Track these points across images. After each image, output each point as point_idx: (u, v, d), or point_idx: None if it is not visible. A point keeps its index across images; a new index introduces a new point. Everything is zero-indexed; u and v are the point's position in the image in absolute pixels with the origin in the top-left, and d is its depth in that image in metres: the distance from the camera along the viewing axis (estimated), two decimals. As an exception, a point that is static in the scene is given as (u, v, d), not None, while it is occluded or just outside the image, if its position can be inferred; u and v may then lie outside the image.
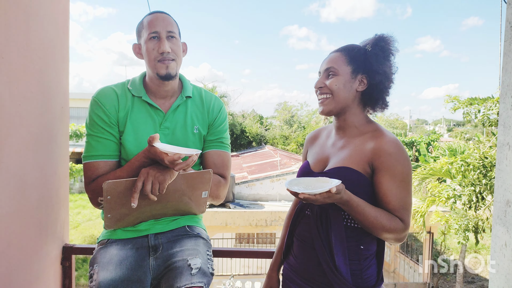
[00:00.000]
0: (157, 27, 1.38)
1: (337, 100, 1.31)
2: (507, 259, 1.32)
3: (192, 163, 1.20)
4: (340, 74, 1.30)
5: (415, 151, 19.90)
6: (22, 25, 1.44)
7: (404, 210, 1.22)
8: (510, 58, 1.33)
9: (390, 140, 1.24)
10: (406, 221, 1.22)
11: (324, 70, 1.33)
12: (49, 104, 1.67)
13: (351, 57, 1.31)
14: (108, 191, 1.19)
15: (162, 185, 1.20)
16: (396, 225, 1.20)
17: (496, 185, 1.39)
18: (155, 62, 1.38)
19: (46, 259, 1.72)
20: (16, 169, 1.43)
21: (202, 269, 1.32)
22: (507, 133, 1.33)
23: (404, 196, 1.22)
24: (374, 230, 1.20)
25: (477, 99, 7.16)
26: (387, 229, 1.19)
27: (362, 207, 1.18)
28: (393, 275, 11.07)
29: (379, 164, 1.22)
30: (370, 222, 1.19)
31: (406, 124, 38.85)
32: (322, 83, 1.32)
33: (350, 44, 1.37)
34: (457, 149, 11.28)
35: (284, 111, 27.08)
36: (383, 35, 1.32)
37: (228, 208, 8.45)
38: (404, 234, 1.22)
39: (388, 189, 1.22)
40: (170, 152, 1.15)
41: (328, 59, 1.34)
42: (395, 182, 1.21)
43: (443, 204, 7.54)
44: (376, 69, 1.29)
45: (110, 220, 1.27)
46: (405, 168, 1.22)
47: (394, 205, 1.22)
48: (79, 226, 12.87)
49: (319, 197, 1.11)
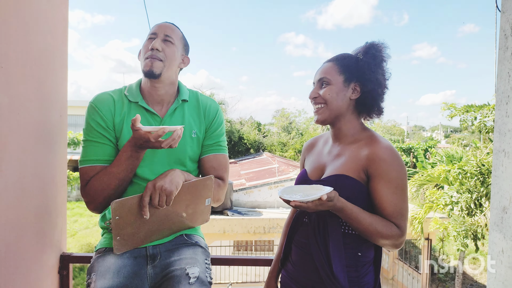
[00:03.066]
0: (157, 29, 1.44)
1: (331, 108, 1.33)
2: (504, 265, 1.32)
3: (178, 138, 1.22)
4: (333, 83, 1.33)
5: (412, 157, 19.92)
6: (21, 33, 1.45)
7: (400, 216, 1.22)
8: (505, 66, 1.35)
9: (384, 147, 1.25)
10: (403, 227, 1.23)
11: (318, 81, 1.36)
12: (47, 112, 1.67)
13: (343, 66, 1.34)
14: (117, 211, 1.19)
15: (169, 197, 1.22)
16: (392, 231, 1.21)
17: (493, 192, 1.40)
18: (144, 60, 1.42)
19: (43, 268, 1.71)
20: (14, 177, 1.43)
21: (200, 278, 1.32)
22: (503, 140, 1.34)
23: (399, 202, 1.22)
24: (370, 236, 1.21)
25: (474, 106, 7.20)
26: (383, 235, 1.20)
27: (356, 213, 1.19)
28: (391, 282, 11.02)
29: (374, 171, 1.23)
30: (366, 229, 1.19)
31: (403, 130, 38.96)
32: (316, 93, 1.35)
33: (342, 53, 1.39)
34: (455, 156, 11.30)
35: (282, 118, 27.12)
36: (374, 43, 1.34)
37: (226, 216, 8.42)
38: (401, 240, 1.23)
39: (383, 195, 1.22)
40: (153, 130, 1.16)
41: (321, 70, 1.37)
42: (390, 188, 1.22)
43: (441, 211, 7.55)
44: (368, 77, 1.31)
45: (119, 243, 1.28)
46: (399, 174, 1.23)
47: (389, 211, 1.22)
48: (76, 234, 12.78)
49: (311, 205, 1.12)
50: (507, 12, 1.34)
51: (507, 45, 1.33)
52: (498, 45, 1.40)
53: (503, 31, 1.36)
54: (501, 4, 1.39)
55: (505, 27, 1.35)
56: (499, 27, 1.41)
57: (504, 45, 1.35)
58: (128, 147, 1.29)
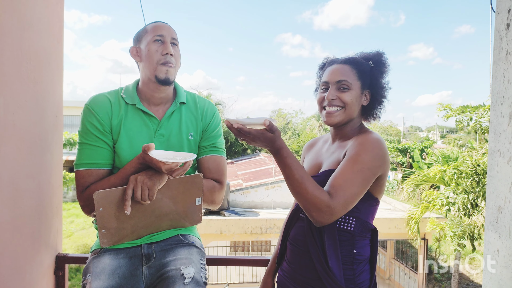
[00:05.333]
0: (163, 31, 1.40)
1: (348, 113, 1.33)
2: (499, 265, 1.33)
3: (188, 167, 1.22)
4: (353, 88, 1.32)
5: (409, 157, 19.99)
6: (16, 33, 1.45)
7: (339, 188, 1.15)
8: (500, 66, 1.35)
9: (368, 136, 1.27)
10: (336, 199, 1.13)
11: (336, 82, 1.33)
12: (43, 112, 1.67)
13: (360, 72, 1.34)
14: (99, 202, 1.18)
15: (152, 190, 1.21)
16: (320, 196, 1.12)
17: (488, 192, 1.41)
18: (157, 65, 1.37)
19: (39, 269, 1.70)
20: (10, 178, 1.43)
21: (195, 279, 1.31)
22: (498, 140, 1.34)
23: (348, 178, 1.17)
24: (298, 192, 1.14)
25: (469, 107, 7.24)
26: (310, 196, 1.12)
27: (291, 160, 1.15)
28: (388, 282, 11.05)
29: (348, 151, 1.25)
30: (295, 181, 1.14)
31: (400, 131, 39.10)
32: (335, 95, 1.32)
33: (354, 57, 1.40)
34: (451, 156, 11.36)
35: (278, 119, 27.13)
36: (383, 52, 1.39)
37: (223, 216, 8.42)
38: (328, 210, 1.12)
39: (339, 169, 1.20)
40: (167, 161, 1.16)
41: (339, 71, 1.34)
42: (349, 163, 1.19)
43: (437, 211, 7.59)
44: (380, 85, 1.36)
45: (105, 236, 1.26)
46: (366, 157, 1.20)
47: (333, 181, 1.17)
48: (72, 235, 12.74)
49: (253, 131, 1.10)
50: (502, 13, 1.35)
51: (502, 46, 1.34)
52: (493, 45, 1.41)
53: (498, 32, 1.37)
54: (496, 5, 1.40)
55: (499, 28, 1.36)
56: (494, 28, 1.42)
57: (499, 46, 1.36)
58: (137, 163, 1.27)
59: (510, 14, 1.31)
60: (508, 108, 1.28)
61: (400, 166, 20.38)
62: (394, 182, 20.21)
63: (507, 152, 1.28)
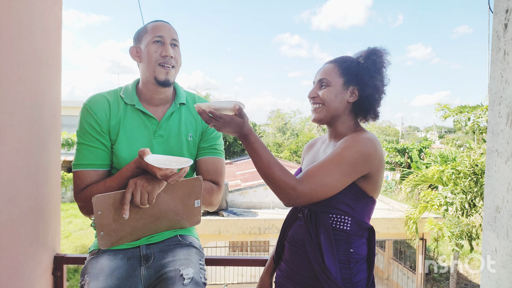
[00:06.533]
0: (163, 32, 1.38)
1: (328, 109, 1.35)
2: (497, 264, 1.33)
3: (184, 173, 1.20)
4: (332, 85, 1.35)
5: (407, 157, 20.01)
6: (14, 33, 1.44)
7: (312, 175, 1.19)
8: (497, 67, 1.36)
9: (359, 134, 1.28)
10: (304, 184, 1.17)
11: (318, 81, 1.39)
12: (41, 112, 1.66)
13: (344, 69, 1.36)
14: (98, 206, 1.18)
15: (151, 195, 1.20)
16: (286, 179, 1.16)
17: (486, 191, 1.41)
18: (155, 65, 1.36)
19: (37, 269, 1.70)
20: (8, 178, 1.42)
21: (195, 279, 1.31)
22: (496, 140, 1.35)
23: (325, 169, 1.20)
24: (265, 175, 1.19)
25: (467, 107, 7.26)
26: (277, 179, 1.16)
27: (259, 145, 1.19)
28: (386, 282, 11.06)
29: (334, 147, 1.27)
30: (263, 164, 1.18)
31: (398, 131, 39.17)
32: (315, 93, 1.38)
33: (344, 56, 1.41)
34: (449, 156, 11.38)
35: (277, 119, 27.17)
36: (376, 48, 1.37)
37: (222, 216, 8.41)
38: (293, 193, 1.16)
39: (319, 160, 1.25)
40: (162, 167, 1.15)
41: (322, 70, 1.39)
42: (329, 157, 1.23)
43: (435, 211, 7.60)
44: (367, 82, 1.34)
45: (103, 238, 1.26)
46: (349, 153, 1.21)
47: (308, 169, 1.21)
48: (70, 236, 12.71)
49: (224, 116, 1.13)
50: (499, 13, 1.35)
51: (500, 46, 1.34)
52: (491, 46, 1.41)
53: (496, 32, 1.37)
54: (494, 6, 1.40)
55: (497, 28, 1.36)
56: (491, 28, 1.42)
57: (497, 46, 1.36)
58: (134, 167, 1.26)
59: (508, 14, 1.31)
60: (506, 108, 1.29)
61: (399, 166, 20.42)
62: (393, 182, 20.25)
63: (505, 152, 1.29)
